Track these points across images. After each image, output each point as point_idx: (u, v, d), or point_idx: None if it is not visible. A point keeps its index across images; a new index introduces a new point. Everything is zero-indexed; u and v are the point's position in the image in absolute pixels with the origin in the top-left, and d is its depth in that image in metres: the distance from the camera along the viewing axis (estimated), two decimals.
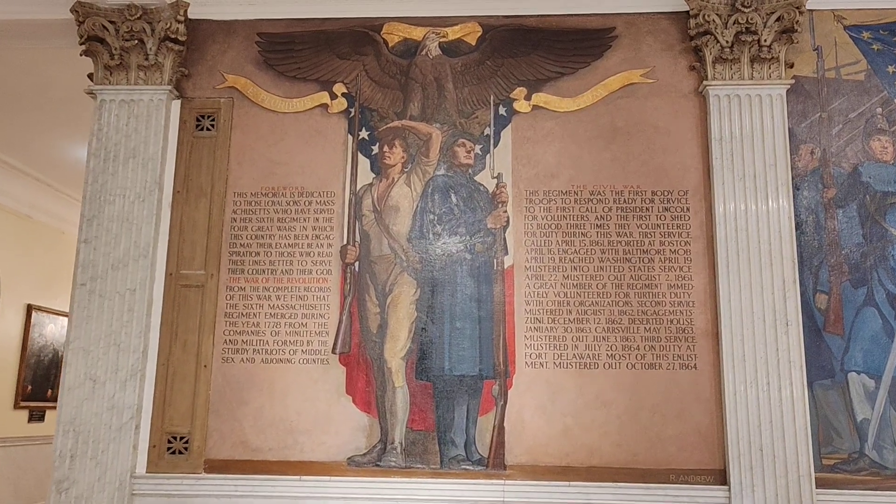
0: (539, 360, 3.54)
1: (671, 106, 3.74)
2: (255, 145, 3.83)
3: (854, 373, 3.43)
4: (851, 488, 3.31)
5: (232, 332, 3.64)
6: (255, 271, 3.70)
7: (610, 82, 3.77)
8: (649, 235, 3.62)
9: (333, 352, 3.59)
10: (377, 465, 3.47)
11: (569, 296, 3.59)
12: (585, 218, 3.66)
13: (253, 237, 3.74)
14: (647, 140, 3.71)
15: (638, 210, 3.65)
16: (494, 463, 3.44)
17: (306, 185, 3.77)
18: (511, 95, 3.80)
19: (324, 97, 3.85)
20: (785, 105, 3.62)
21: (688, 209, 3.63)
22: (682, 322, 3.53)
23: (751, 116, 3.62)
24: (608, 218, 3.65)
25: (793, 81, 3.66)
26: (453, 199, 3.72)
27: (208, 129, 3.85)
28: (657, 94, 3.75)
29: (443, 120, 3.80)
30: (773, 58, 3.64)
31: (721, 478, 3.35)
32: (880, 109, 3.66)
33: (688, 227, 3.62)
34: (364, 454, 3.49)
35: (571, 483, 3.38)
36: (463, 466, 3.45)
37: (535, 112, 3.78)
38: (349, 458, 3.48)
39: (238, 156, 3.82)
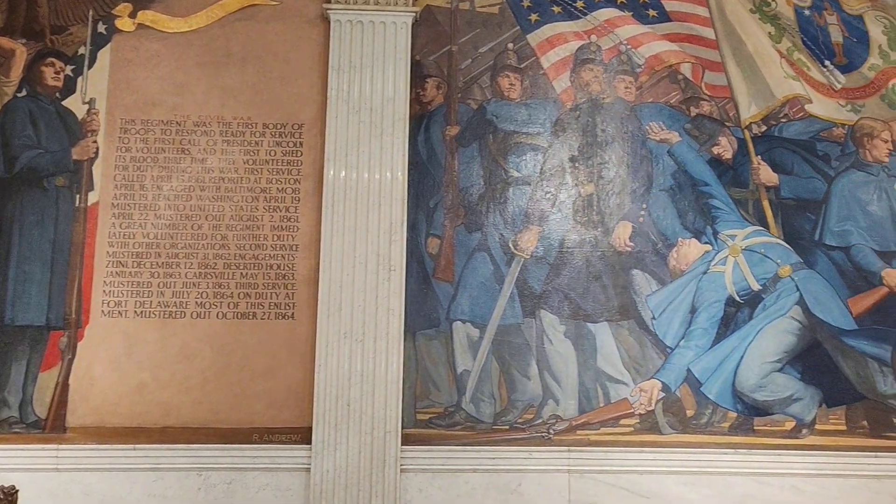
0: (118, 309, 3.12)
1: (294, 31, 3.38)
2: None
3: (459, 322, 3.19)
4: (443, 443, 3.07)
5: None
6: None
7: (228, 2, 3.37)
8: (256, 172, 3.26)
9: None
10: None
11: (160, 237, 3.19)
12: (187, 151, 3.26)
13: None
14: (265, 68, 3.34)
15: (246, 144, 3.28)
16: (53, 426, 3.01)
17: None
18: (114, 12, 3.34)
19: None
20: (410, 35, 3.33)
21: (301, 144, 3.29)
22: (283, 267, 3.19)
23: (373, 45, 3.31)
24: (212, 152, 3.27)
25: (420, 10, 3.37)
26: (36, 125, 3.22)
27: None
28: (280, 17, 3.38)
29: (30, 35, 3.30)
30: None
31: (308, 436, 3.04)
32: (512, 45, 3.43)
33: (299, 163, 3.28)
34: None
35: (137, 447, 2.99)
36: (15, 430, 3.00)
37: (140, 31, 3.34)
38: None
39: None
